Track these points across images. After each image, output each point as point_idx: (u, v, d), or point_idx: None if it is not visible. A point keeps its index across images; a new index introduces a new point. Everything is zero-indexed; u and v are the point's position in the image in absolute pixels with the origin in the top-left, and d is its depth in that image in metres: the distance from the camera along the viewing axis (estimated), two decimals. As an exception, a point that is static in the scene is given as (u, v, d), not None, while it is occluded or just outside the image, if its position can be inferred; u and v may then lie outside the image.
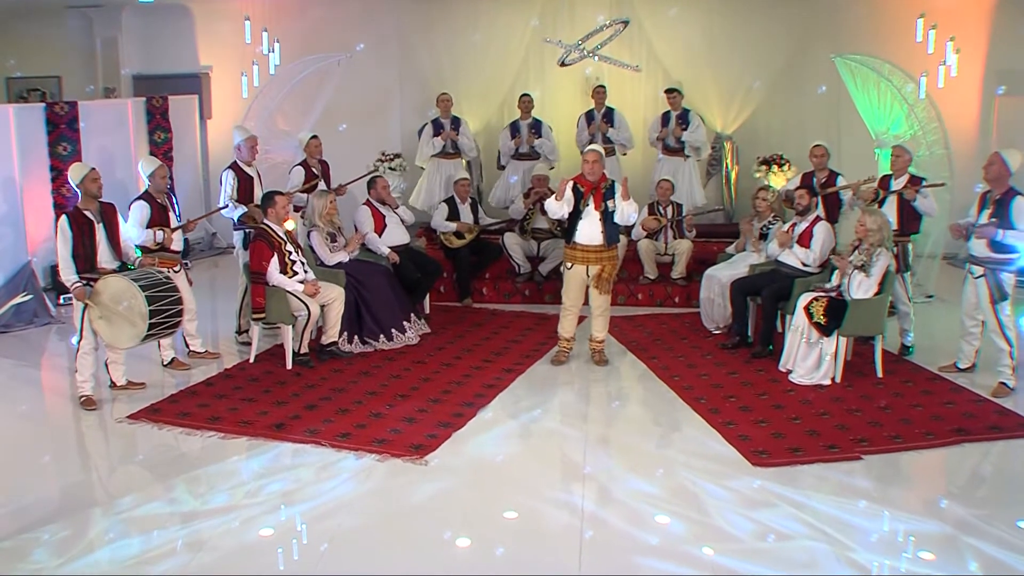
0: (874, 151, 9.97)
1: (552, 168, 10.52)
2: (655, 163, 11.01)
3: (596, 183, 7.50)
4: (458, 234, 9.82)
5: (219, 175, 8.53)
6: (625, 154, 11.15)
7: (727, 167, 11.91)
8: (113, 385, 7.10)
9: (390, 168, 12.22)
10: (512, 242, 9.92)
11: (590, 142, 10.97)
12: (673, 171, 10.71)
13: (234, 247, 8.62)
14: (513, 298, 9.88)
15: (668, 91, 10.89)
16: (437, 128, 11.00)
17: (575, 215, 7.56)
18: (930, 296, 9.80)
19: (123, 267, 6.90)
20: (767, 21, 11.75)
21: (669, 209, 9.81)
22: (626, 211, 7.56)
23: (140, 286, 6.52)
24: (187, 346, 7.93)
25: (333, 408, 6.64)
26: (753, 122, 12.12)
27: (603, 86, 11.07)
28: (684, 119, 10.82)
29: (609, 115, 11.01)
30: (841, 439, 6.09)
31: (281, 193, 7.85)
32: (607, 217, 7.51)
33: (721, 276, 8.53)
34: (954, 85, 10.12)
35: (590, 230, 7.53)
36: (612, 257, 7.65)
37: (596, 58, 11.56)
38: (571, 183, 7.57)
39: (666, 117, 10.93)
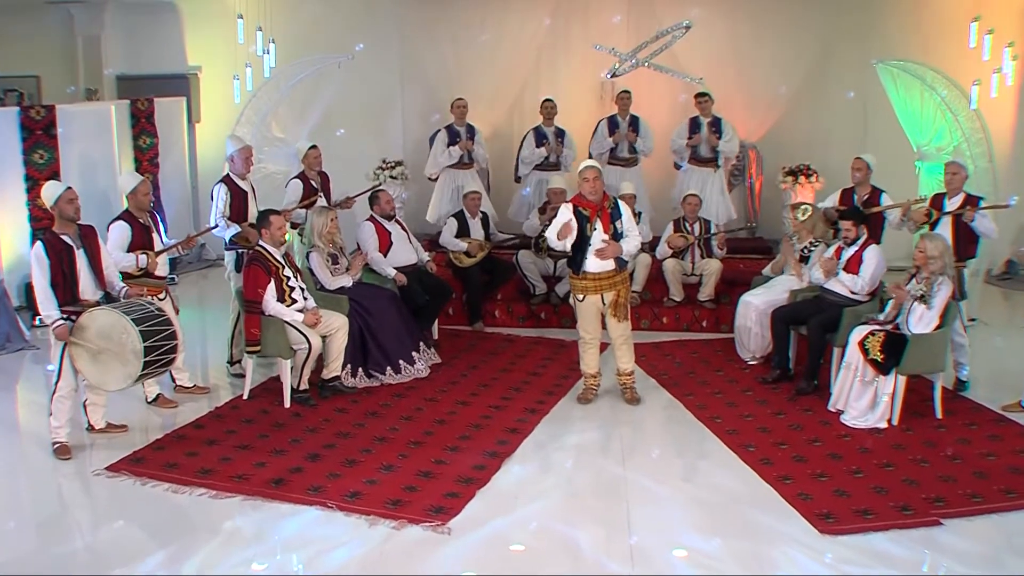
0: (915, 165, 9.27)
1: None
2: (680, 174, 10.28)
3: (600, 203, 6.78)
4: (468, 252, 9.08)
5: (210, 187, 7.78)
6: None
7: (751, 177, 11.23)
8: (91, 428, 6.34)
9: (391, 177, 11.47)
10: (527, 260, 9.19)
11: (612, 151, 10.28)
12: (700, 183, 10.00)
13: (225, 266, 7.83)
14: (528, 321, 9.15)
15: (698, 96, 10.15)
16: (453, 137, 10.22)
17: (582, 242, 6.81)
18: (973, 320, 9.11)
19: (107, 298, 6.13)
20: (793, 23, 11.09)
21: (696, 226, 9.10)
22: (632, 244, 6.89)
23: (132, 319, 5.77)
24: (173, 380, 7.17)
25: (339, 458, 5.90)
26: (777, 130, 11.45)
27: (627, 92, 10.34)
28: (717, 127, 10.08)
29: (635, 123, 10.28)
30: (913, 498, 5.40)
31: (277, 212, 7.10)
32: (617, 239, 6.79)
33: (758, 302, 7.83)
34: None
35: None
36: (625, 280, 6.98)
37: (652, 68, 10.71)
38: (570, 207, 6.84)
39: (695, 124, 10.19)
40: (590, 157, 10.52)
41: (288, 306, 6.89)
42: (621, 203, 6.89)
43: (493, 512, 5.23)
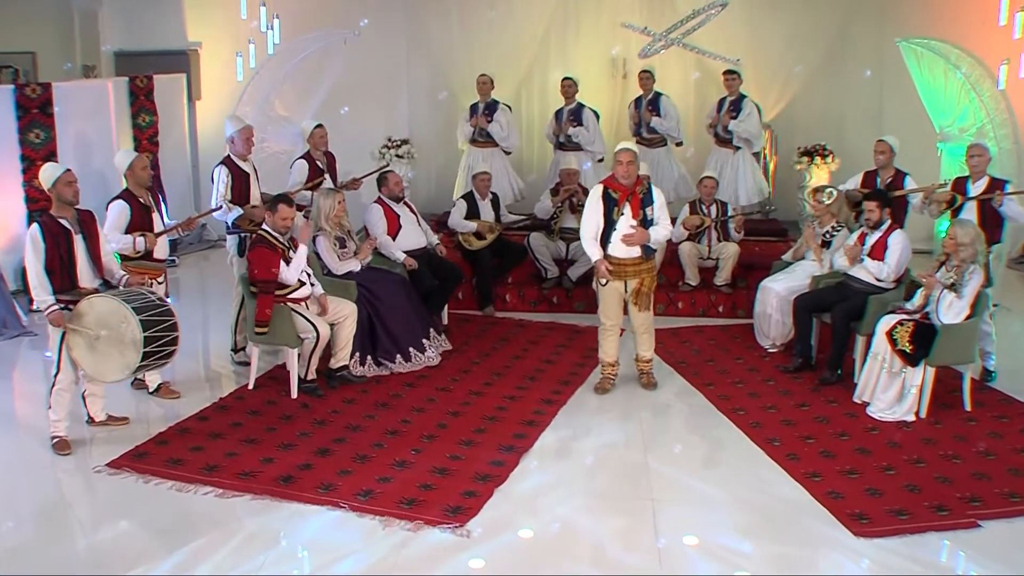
0: (937, 146, 8.99)
1: (600, 160, 9.53)
2: (709, 155, 9.99)
3: (631, 187, 6.52)
4: (478, 234, 8.82)
5: (211, 166, 7.51)
6: (680, 144, 10.11)
7: (765, 157, 10.95)
8: (91, 421, 6.10)
9: (397, 156, 11.25)
10: (538, 244, 8.93)
11: (636, 131, 10.01)
12: (721, 164, 9.73)
13: (227, 250, 7.56)
14: (540, 306, 8.90)
15: (726, 74, 9.85)
16: (473, 112, 10.06)
17: (607, 225, 6.58)
18: (995, 305, 8.86)
19: (106, 286, 5.87)
20: (809, 1, 10.75)
21: (713, 208, 8.83)
22: (661, 233, 6.63)
23: (133, 308, 5.52)
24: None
25: (349, 453, 5.67)
26: (792, 109, 11.19)
27: (649, 71, 10.04)
28: (736, 106, 9.78)
29: (655, 102, 9.99)
30: (948, 497, 5.19)
31: (290, 203, 6.79)
32: (645, 226, 6.55)
33: (779, 288, 7.58)
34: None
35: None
36: (651, 269, 6.72)
37: (684, 47, 10.36)
38: (601, 188, 6.60)
39: (722, 103, 9.92)
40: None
41: (295, 290, 6.64)
42: (656, 189, 6.62)
43: (513, 513, 5.01)
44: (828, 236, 7.66)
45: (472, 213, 8.88)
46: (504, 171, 10.11)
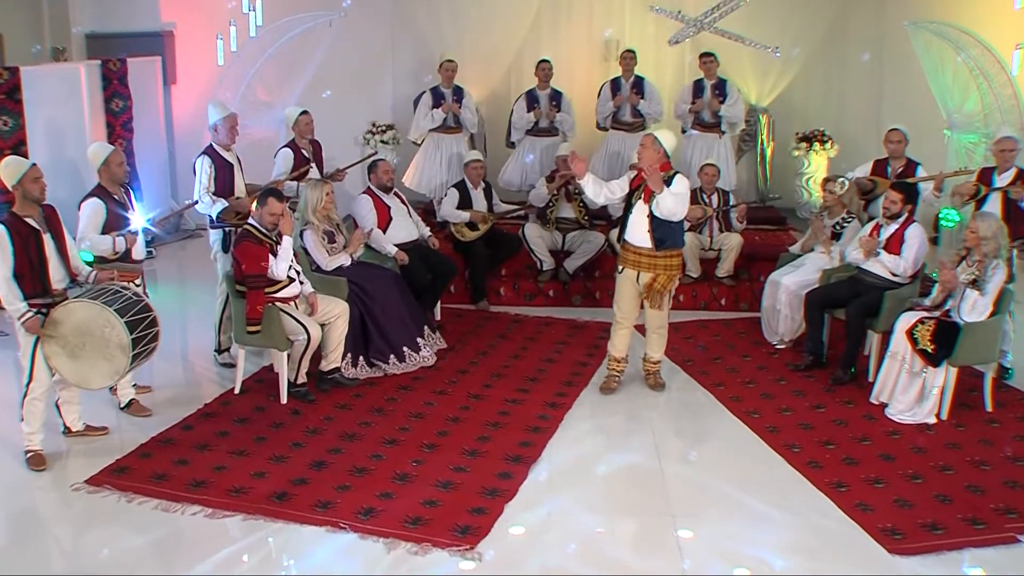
0: (944, 133, 8.70)
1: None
2: (685, 140, 9.62)
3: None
4: (471, 225, 8.46)
5: (188, 152, 7.08)
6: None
7: (762, 143, 10.65)
8: (68, 431, 5.70)
9: (382, 142, 10.84)
10: (534, 234, 8.57)
11: (614, 115, 9.65)
12: (707, 150, 9.39)
13: (211, 245, 7.14)
14: (535, 300, 8.56)
15: (703, 56, 9.49)
16: (437, 99, 9.54)
17: (626, 209, 6.34)
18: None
19: (73, 283, 5.46)
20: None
21: (715, 197, 8.51)
22: (663, 204, 6.15)
23: (116, 311, 5.14)
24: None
25: (346, 466, 5.31)
26: (789, 93, 10.88)
27: (632, 51, 9.65)
28: (721, 90, 9.43)
29: (639, 84, 9.62)
30: (982, 508, 4.93)
31: (281, 197, 6.38)
32: (654, 215, 6.22)
33: (789, 282, 7.28)
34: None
35: (638, 228, 6.27)
36: (667, 266, 6.34)
37: (721, 34, 9.88)
38: (631, 174, 6.41)
39: (699, 86, 9.53)
40: (598, 125, 9.95)
41: (284, 287, 6.26)
42: (680, 176, 6.25)
43: (525, 531, 4.69)
44: (839, 228, 7.36)
45: (464, 202, 8.51)
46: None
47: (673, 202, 6.08)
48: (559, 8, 10.77)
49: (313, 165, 7.70)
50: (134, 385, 6.23)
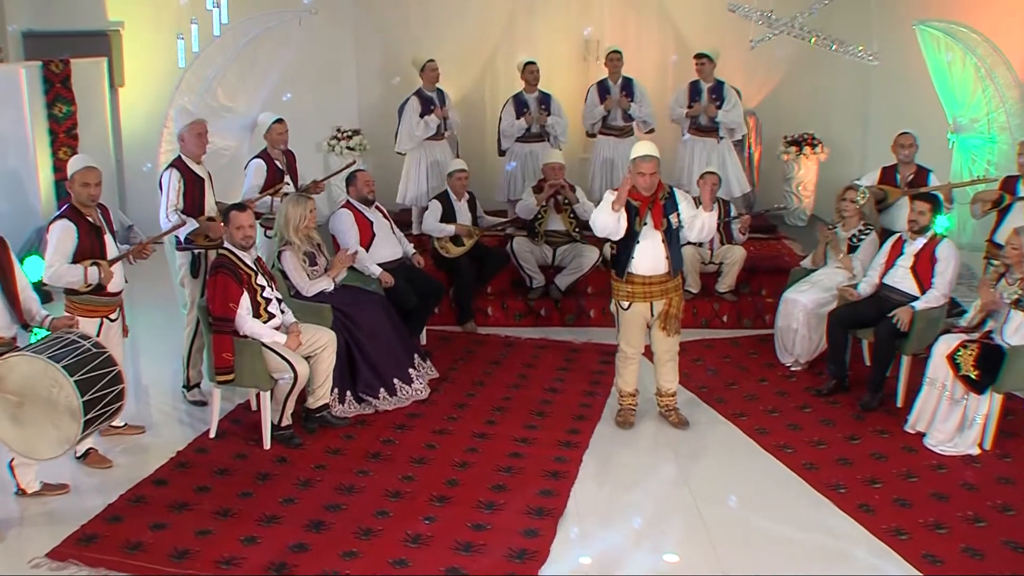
0: (947, 137, 8.32)
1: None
2: (680, 146, 9.13)
3: (653, 194, 5.67)
4: (456, 240, 7.84)
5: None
6: (651, 131, 9.15)
7: (750, 146, 10.20)
8: (22, 493, 4.97)
9: (348, 148, 10.21)
10: (523, 249, 7.97)
11: (604, 119, 9.10)
12: (705, 155, 8.89)
13: (178, 269, 6.43)
14: (525, 319, 7.97)
15: (698, 57, 8.97)
16: (426, 105, 8.75)
17: (628, 238, 5.71)
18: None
19: (24, 329, 4.74)
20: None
21: (715, 208, 7.99)
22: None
23: (64, 367, 4.39)
24: None
25: (350, 527, 4.67)
26: (776, 95, 10.46)
27: (618, 51, 9.09)
28: (718, 93, 8.92)
29: (628, 87, 9.07)
30: (1057, 557, 4.47)
31: (243, 208, 5.72)
32: (672, 236, 5.72)
33: (805, 300, 6.80)
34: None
35: (652, 256, 5.72)
36: (679, 287, 5.88)
37: (816, 37, 9.15)
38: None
39: (695, 89, 9.02)
40: (588, 134, 9.41)
41: (265, 322, 5.59)
42: (678, 193, 5.77)
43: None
44: (855, 240, 6.90)
45: (447, 215, 7.89)
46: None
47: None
48: (535, 6, 10.20)
49: (288, 178, 7.03)
50: (124, 424, 5.53)
